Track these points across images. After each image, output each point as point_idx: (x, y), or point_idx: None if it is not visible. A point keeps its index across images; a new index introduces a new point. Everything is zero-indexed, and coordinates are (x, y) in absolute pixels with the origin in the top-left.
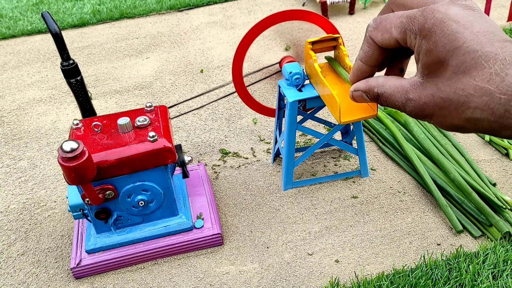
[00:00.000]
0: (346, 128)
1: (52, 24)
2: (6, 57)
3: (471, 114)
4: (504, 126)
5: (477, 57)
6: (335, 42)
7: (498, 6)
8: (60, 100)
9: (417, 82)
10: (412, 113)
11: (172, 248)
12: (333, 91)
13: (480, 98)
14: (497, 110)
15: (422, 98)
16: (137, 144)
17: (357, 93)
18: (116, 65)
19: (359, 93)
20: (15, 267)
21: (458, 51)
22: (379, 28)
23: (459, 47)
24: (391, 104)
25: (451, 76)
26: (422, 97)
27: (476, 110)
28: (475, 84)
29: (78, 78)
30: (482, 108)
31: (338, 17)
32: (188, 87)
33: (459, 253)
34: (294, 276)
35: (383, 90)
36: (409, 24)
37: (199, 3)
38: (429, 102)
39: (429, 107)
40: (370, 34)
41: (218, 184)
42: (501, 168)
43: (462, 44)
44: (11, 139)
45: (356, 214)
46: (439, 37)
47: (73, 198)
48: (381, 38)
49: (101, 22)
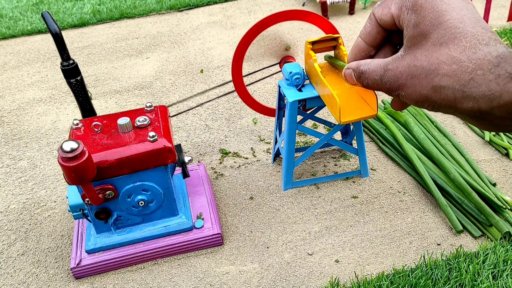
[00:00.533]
0: (346, 128)
1: (52, 24)
2: (6, 57)
3: (438, 81)
4: (467, 96)
5: (457, 33)
6: (335, 42)
7: (498, 6)
8: (60, 100)
9: (398, 55)
10: (387, 84)
11: (172, 248)
12: (333, 91)
13: (450, 66)
14: (462, 78)
15: (399, 68)
16: (137, 144)
17: (348, 71)
18: (116, 65)
19: (349, 71)
20: (15, 267)
21: (441, 26)
22: (382, 5)
23: (443, 23)
24: (371, 81)
25: (429, 47)
26: (399, 67)
27: (444, 77)
28: (449, 54)
29: (78, 78)
30: (449, 75)
31: (338, 17)
32: (188, 87)
33: (459, 253)
34: (294, 276)
35: (366, 67)
36: (405, 1)
37: (199, 3)
38: (404, 71)
39: (403, 76)
40: (373, 10)
41: (218, 184)
42: (501, 168)
43: (446, 21)
44: (11, 139)
45: (356, 214)
46: (427, 12)
47: (73, 198)
48: (381, 14)
49: (101, 22)
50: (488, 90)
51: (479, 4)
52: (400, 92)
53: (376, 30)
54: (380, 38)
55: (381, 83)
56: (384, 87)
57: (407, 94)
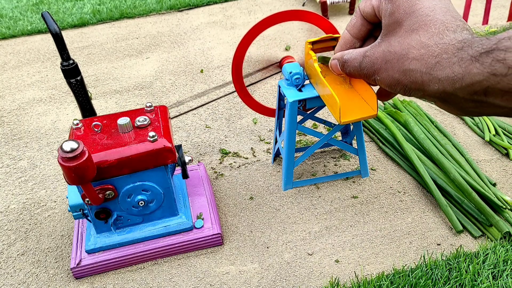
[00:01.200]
0: (346, 128)
1: (52, 24)
2: (6, 57)
3: (408, 64)
4: (433, 79)
5: (427, 20)
6: (335, 42)
7: (498, 6)
8: (60, 100)
9: (376, 43)
10: (365, 70)
11: (172, 248)
12: (333, 91)
13: (418, 51)
14: (429, 62)
15: (375, 54)
16: (137, 144)
17: (334, 62)
18: (116, 65)
19: (335, 61)
20: (15, 267)
21: (413, 14)
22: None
23: (415, 11)
24: (353, 68)
25: (402, 34)
26: (376, 53)
27: (413, 61)
28: (418, 39)
29: (78, 78)
30: (418, 58)
31: (338, 17)
32: (188, 87)
33: (459, 253)
34: (294, 276)
35: (348, 56)
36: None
37: (199, 3)
38: (379, 57)
39: (378, 61)
40: (359, 4)
41: (218, 184)
42: (501, 168)
43: (418, 9)
44: (11, 139)
45: (356, 214)
46: (402, 2)
47: (73, 198)
48: (364, 6)
49: (101, 22)
50: (451, 72)
51: (479, 4)
52: (376, 77)
53: (361, 22)
54: (364, 31)
55: (360, 69)
56: (363, 73)
57: (381, 78)
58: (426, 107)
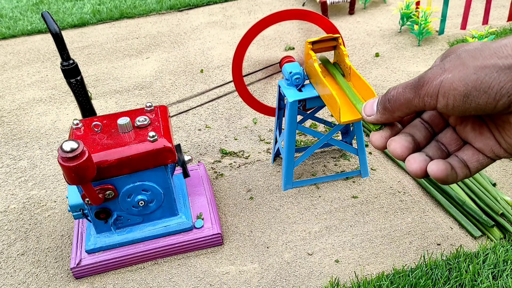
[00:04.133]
0: (346, 128)
1: (52, 24)
2: (6, 57)
3: (496, 60)
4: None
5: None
6: (335, 42)
7: (498, 6)
8: (60, 100)
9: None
10: (427, 77)
11: (172, 248)
12: (333, 91)
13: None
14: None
15: (443, 64)
16: (137, 144)
17: (368, 103)
18: (116, 65)
19: (369, 102)
20: (15, 267)
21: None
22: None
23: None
24: (402, 88)
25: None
26: (443, 63)
27: (503, 59)
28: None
29: (78, 78)
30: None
31: (338, 17)
32: (188, 87)
33: (459, 253)
34: (294, 276)
35: (394, 91)
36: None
37: (199, 3)
38: (450, 60)
39: (450, 63)
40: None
41: (218, 184)
42: (501, 168)
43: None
44: (11, 139)
45: (356, 214)
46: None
47: (73, 198)
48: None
49: (101, 22)
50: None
51: (479, 4)
52: (444, 77)
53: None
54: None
55: (416, 83)
56: (420, 84)
57: (449, 78)
58: None
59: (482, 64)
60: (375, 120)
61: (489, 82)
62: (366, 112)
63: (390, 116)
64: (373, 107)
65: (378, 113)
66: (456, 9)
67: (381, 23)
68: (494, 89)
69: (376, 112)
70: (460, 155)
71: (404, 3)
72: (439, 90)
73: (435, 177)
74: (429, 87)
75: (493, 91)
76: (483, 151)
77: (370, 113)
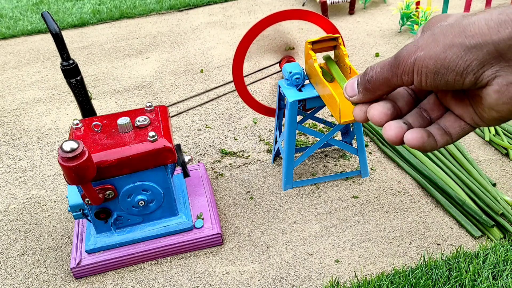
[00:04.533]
0: (346, 128)
1: (52, 24)
2: (6, 57)
3: (463, 38)
4: (501, 37)
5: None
6: (335, 42)
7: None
8: (60, 100)
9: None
10: (402, 55)
11: (172, 248)
12: (333, 91)
13: (474, 24)
14: (492, 24)
15: (418, 40)
16: (137, 144)
17: (349, 82)
18: (116, 65)
19: (350, 81)
20: (15, 267)
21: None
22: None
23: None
24: (380, 66)
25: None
26: (418, 39)
27: (469, 37)
28: (468, 21)
29: (78, 78)
30: (475, 32)
31: (338, 17)
32: (188, 87)
33: (459, 253)
34: (294, 276)
35: (373, 65)
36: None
37: (199, 3)
38: (424, 38)
39: (423, 40)
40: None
41: (218, 184)
42: (501, 168)
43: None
44: (11, 139)
45: (356, 214)
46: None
47: (73, 198)
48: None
49: (101, 22)
50: None
51: (479, 4)
52: (417, 55)
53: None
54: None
55: (394, 61)
56: (397, 63)
57: (424, 54)
58: None
59: (450, 43)
60: (358, 100)
61: (456, 61)
62: (348, 93)
63: (372, 96)
64: (354, 87)
65: (360, 93)
66: (456, 9)
67: (381, 23)
68: (461, 67)
69: (358, 93)
70: (442, 122)
71: (404, 3)
72: (413, 67)
73: (411, 146)
74: (405, 66)
75: (460, 69)
76: (463, 118)
77: (352, 94)
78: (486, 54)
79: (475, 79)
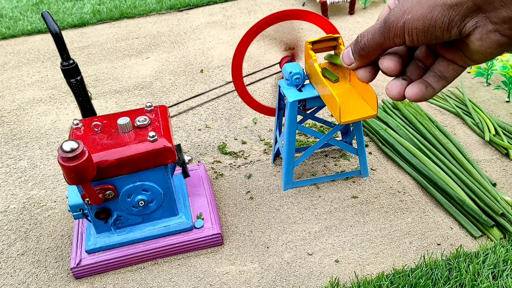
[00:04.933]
0: (346, 128)
1: (52, 24)
2: (6, 57)
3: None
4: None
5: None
6: (335, 42)
7: None
8: (60, 100)
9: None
10: (391, 21)
11: (172, 248)
12: (333, 91)
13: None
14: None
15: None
16: (137, 144)
17: (345, 51)
18: (116, 65)
19: (346, 50)
20: (15, 267)
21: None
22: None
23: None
24: (371, 33)
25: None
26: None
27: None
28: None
29: (78, 78)
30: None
31: (338, 17)
32: (188, 87)
33: (459, 253)
34: (294, 276)
35: (364, 31)
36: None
37: (199, 3)
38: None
39: (410, 2)
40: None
41: (218, 184)
42: (501, 168)
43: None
44: (11, 139)
45: (356, 214)
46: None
47: (73, 198)
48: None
49: (101, 22)
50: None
51: None
52: (405, 18)
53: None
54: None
55: (384, 27)
56: (387, 28)
57: (412, 17)
58: (426, 107)
59: (434, 3)
60: (356, 66)
61: (442, 19)
62: (346, 62)
63: (367, 60)
64: (350, 56)
65: (357, 61)
66: None
67: None
68: (446, 23)
69: (355, 60)
70: (436, 67)
71: None
72: (404, 30)
73: (412, 100)
74: (395, 29)
75: (445, 25)
76: (455, 61)
77: (349, 62)
78: (466, 9)
79: (459, 31)
